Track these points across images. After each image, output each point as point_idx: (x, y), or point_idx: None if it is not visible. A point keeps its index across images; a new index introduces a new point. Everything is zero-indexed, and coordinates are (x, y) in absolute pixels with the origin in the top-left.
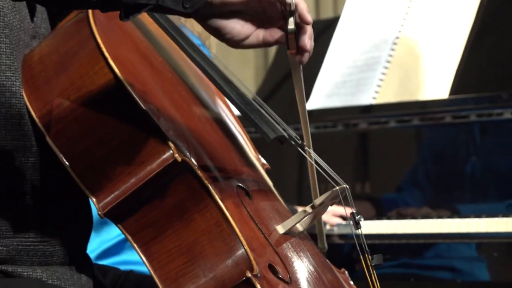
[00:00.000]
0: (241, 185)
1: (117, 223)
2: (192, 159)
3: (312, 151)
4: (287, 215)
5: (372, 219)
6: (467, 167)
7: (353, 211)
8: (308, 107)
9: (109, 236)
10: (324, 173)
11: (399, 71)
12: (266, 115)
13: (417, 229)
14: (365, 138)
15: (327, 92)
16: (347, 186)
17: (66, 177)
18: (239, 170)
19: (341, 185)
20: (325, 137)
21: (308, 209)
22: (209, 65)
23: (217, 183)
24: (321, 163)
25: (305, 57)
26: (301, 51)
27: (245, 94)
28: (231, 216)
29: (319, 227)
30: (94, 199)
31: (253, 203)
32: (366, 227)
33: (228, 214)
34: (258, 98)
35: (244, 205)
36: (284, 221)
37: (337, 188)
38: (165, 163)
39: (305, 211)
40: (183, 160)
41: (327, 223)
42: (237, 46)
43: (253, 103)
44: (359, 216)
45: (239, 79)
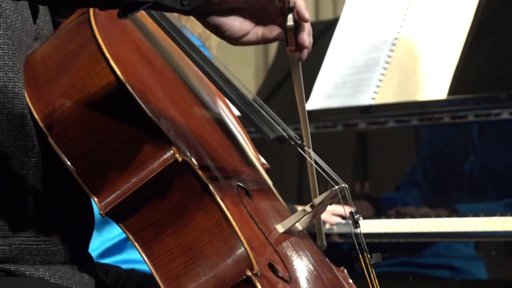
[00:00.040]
0: (241, 185)
1: (118, 222)
2: (192, 159)
3: (311, 151)
4: (286, 214)
5: (371, 218)
6: (465, 166)
7: (352, 210)
8: (308, 108)
9: (110, 235)
10: (323, 172)
11: (398, 72)
12: (266, 115)
13: (415, 228)
14: (364, 138)
15: (327, 92)
16: (346, 185)
17: (68, 177)
18: (239, 170)
19: (340, 184)
20: (325, 137)
21: (307, 208)
22: (209, 66)
23: (218, 182)
24: (321, 162)
25: (304, 53)
26: (300, 48)
27: (245, 94)
28: (231, 215)
29: (318, 225)
30: (95, 199)
31: (253, 203)
32: (365, 226)
33: (228, 213)
34: (258, 98)
35: (244, 205)
36: (283, 220)
37: (336, 187)
38: (166, 163)
39: (304, 210)
40: (183, 160)
41: (326, 222)
42: (236, 43)
43: (253, 103)
44: (358, 215)
45: (239, 80)
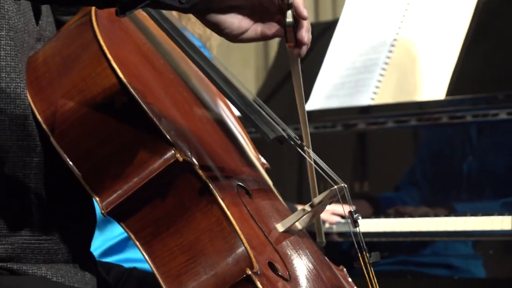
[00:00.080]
0: (242, 184)
1: (119, 222)
2: (193, 159)
3: (311, 151)
4: (286, 213)
5: (370, 217)
6: (464, 166)
7: (351, 209)
8: (307, 108)
9: (112, 234)
10: (322, 172)
11: (396, 73)
12: (266, 115)
13: (414, 227)
14: (363, 138)
15: (327, 93)
16: (345, 185)
17: (70, 177)
18: (239, 169)
19: (340, 184)
20: (324, 137)
21: (307, 207)
22: (210, 67)
23: (218, 182)
24: (320, 162)
25: (303, 50)
26: (299, 44)
27: (245, 95)
28: (232, 214)
29: (317, 222)
30: (97, 198)
31: (253, 202)
32: (364, 225)
33: (228, 212)
34: (258, 99)
35: (244, 204)
36: (283, 220)
37: (336, 187)
38: (167, 163)
39: (304, 209)
40: (184, 160)
41: (326, 221)
42: (235, 40)
43: (253, 104)
44: (357, 214)
45: (240, 80)
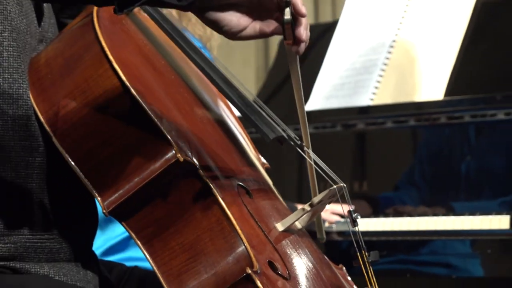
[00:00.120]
0: (242, 184)
1: (121, 221)
2: (194, 159)
3: (311, 151)
4: (286, 213)
5: (369, 216)
6: (462, 166)
7: (351, 209)
8: (307, 108)
9: (114, 233)
10: (322, 172)
11: (395, 73)
12: (266, 116)
13: (413, 227)
14: (362, 138)
15: (326, 93)
16: (345, 185)
17: (72, 177)
18: (239, 169)
19: (339, 183)
20: (324, 137)
21: (306, 207)
22: (210, 67)
23: (218, 182)
24: (320, 162)
25: (302, 47)
26: (297, 42)
27: (246, 95)
28: (232, 214)
29: (318, 219)
30: (99, 198)
31: (253, 202)
32: (363, 224)
33: (229, 212)
34: (258, 99)
35: (244, 204)
36: (283, 219)
37: (335, 186)
38: (168, 163)
39: (303, 209)
40: (185, 160)
41: (326, 220)
42: (234, 37)
43: (254, 104)
44: (356, 213)
45: (240, 81)
